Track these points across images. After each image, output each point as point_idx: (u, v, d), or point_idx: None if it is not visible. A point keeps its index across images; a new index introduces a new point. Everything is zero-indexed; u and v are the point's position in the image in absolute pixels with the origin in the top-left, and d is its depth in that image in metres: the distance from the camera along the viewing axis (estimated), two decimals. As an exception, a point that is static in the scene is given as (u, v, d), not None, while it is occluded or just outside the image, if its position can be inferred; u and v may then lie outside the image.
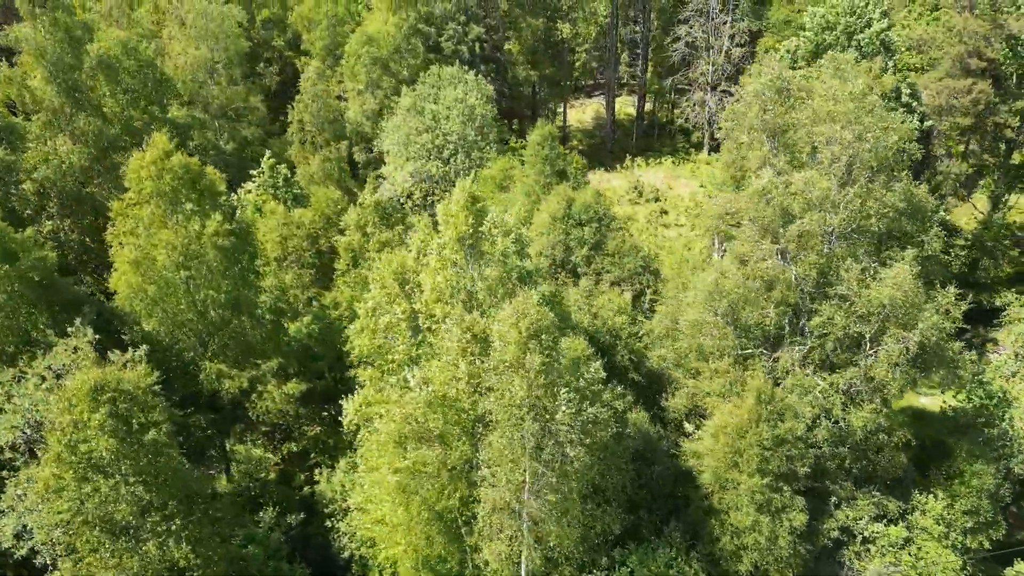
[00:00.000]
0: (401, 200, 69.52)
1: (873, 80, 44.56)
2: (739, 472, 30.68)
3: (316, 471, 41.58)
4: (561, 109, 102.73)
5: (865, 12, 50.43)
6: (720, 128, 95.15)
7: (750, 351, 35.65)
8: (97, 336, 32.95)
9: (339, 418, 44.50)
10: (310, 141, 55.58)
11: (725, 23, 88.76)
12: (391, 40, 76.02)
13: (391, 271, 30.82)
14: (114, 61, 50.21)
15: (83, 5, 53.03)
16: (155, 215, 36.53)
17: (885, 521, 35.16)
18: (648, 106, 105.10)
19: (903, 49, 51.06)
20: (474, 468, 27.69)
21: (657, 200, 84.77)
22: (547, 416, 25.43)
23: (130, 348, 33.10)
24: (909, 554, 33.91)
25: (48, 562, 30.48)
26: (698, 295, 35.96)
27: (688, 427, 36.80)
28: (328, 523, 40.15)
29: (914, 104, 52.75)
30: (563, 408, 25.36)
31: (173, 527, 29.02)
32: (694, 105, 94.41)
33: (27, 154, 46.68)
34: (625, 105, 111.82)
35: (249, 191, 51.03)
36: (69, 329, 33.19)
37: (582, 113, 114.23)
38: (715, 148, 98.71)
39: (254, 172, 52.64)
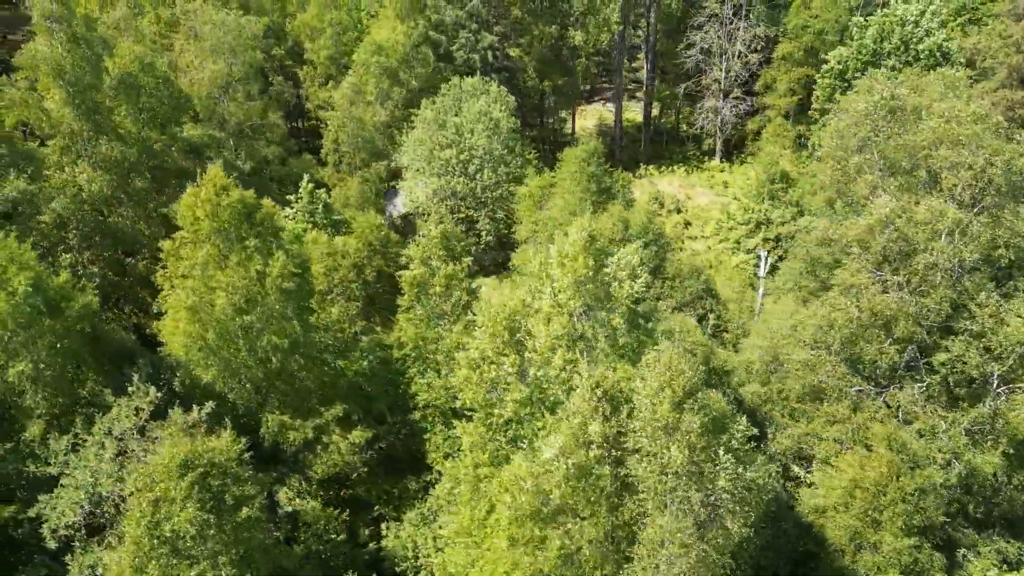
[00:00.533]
0: (422, 215, 66.39)
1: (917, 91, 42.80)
2: (880, 531, 28.36)
3: (383, 525, 38.45)
4: (569, 116, 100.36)
5: (922, 21, 48.73)
6: (733, 134, 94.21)
7: (859, 388, 33.42)
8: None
9: (398, 464, 41.68)
10: (346, 162, 52.09)
11: (739, 28, 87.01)
12: (400, 49, 72.77)
13: (502, 318, 27.90)
14: (133, 79, 46.38)
15: (88, 17, 48.86)
16: (211, 255, 33.12)
17: (1005, 567, 33.22)
18: (654, 112, 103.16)
19: (961, 61, 49.67)
20: (615, 542, 24.93)
21: (679, 211, 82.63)
22: (709, 486, 22.83)
23: (195, 406, 29.87)
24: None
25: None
26: (804, 329, 33.60)
27: (796, 470, 34.45)
28: (400, 583, 37.20)
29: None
30: (724, 474, 22.79)
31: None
32: (706, 112, 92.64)
33: (45, 183, 42.72)
34: (628, 111, 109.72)
35: (287, 218, 47.51)
36: (130, 388, 29.73)
37: (584, 119, 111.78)
38: (727, 155, 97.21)
39: (291, 197, 49.08)
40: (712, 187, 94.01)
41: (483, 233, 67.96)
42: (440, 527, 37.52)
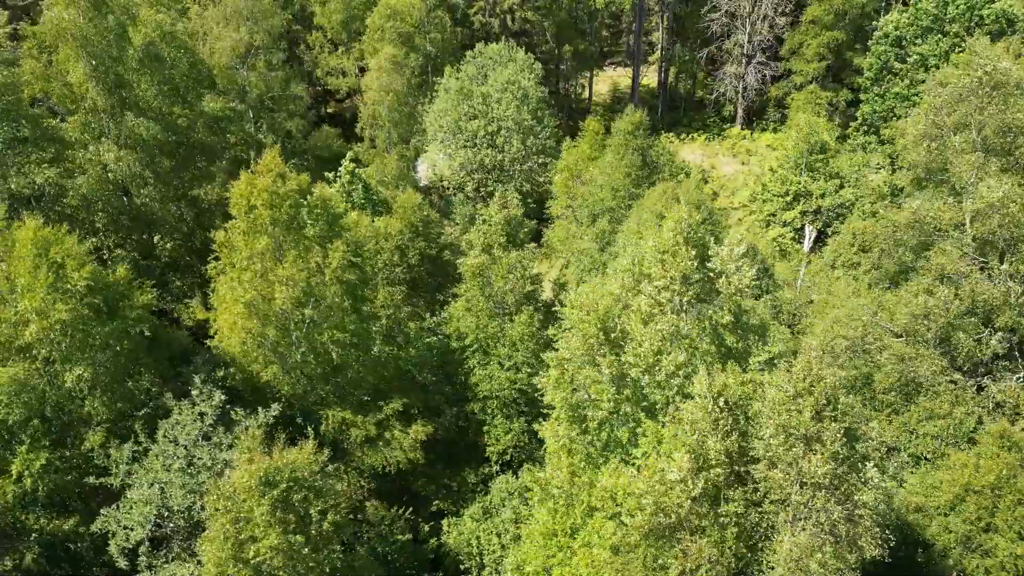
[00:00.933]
0: (447, 188, 63.89)
1: (1015, 62, 40.69)
2: (993, 535, 27.04)
3: (444, 521, 36.90)
4: (586, 82, 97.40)
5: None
6: (755, 101, 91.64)
7: (952, 379, 31.91)
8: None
9: (455, 456, 39.92)
10: (381, 138, 49.29)
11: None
12: (416, 13, 69.38)
13: (595, 318, 25.92)
14: (158, 50, 43.35)
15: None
16: (268, 247, 30.80)
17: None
18: (670, 78, 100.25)
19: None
20: (737, 559, 23.42)
21: (705, 182, 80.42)
22: (848, 501, 21.28)
23: (260, 410, 27.97)
24: None
25: None
26: (892, 316, 31.91)
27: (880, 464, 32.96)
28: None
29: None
30: (867, 488, 21.25)
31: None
32: (729, 78, 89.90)
33: (69, 163, 39.98)
34: (641, 76, 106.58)
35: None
36: (194, 392, 27.70)
37: (597, 85, 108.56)
38: (748, 123, 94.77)
39: (328, 175, 46.43)
40: (735, 155, 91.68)
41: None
42: (503, 523, 36.11)
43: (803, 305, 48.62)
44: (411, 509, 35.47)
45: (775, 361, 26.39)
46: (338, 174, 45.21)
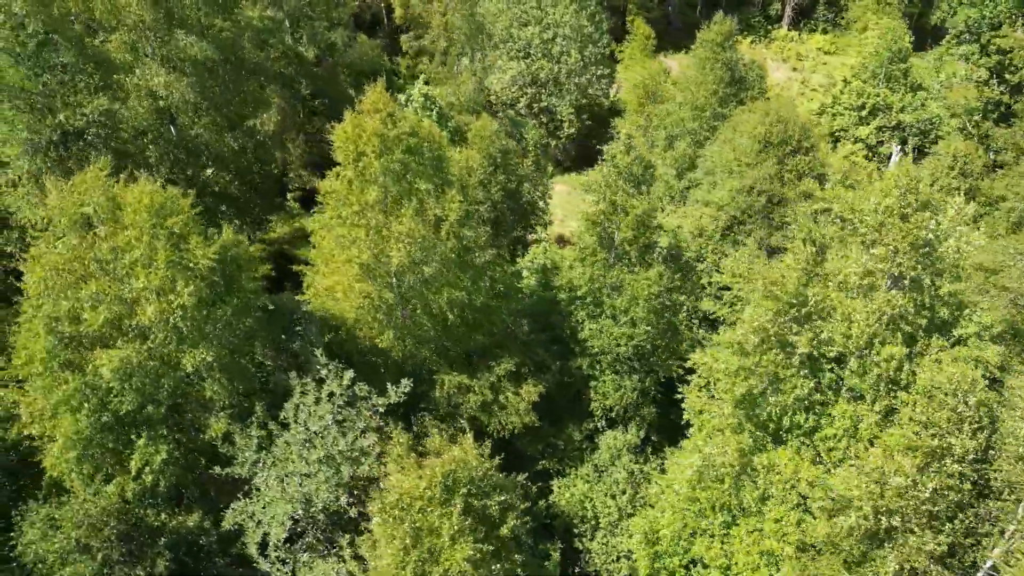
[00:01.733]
0: (499, 104, 58.81)
1: None
2: None
3: (553, 482, 34.88)
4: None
5: None
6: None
7: None
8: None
9: (558, 412, 37.51)
10: (453, 55, 43.92)
11: None
12: None
13: (788, 289, 22.70)
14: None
15: None
16: (378, 199, 26.92)
17: None
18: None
19: None
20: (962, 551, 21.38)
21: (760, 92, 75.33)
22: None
23: (390, 386, 25.07)
24: None
25: None
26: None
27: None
28: (579, 543, 34.16)
29: None
30: None
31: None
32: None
33: (119, 90, 35.09)
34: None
35: None
36: (324, 372, 24.57)
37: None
38: (795, 22, 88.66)
39: (402, 97, 41.53)
40: (785, 60, 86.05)
41: (565, 124, 60.98)
42: (617, 483, 34.15)
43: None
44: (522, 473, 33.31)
45: (982, 334, 23.59)
46: (409, 97, 40.45)
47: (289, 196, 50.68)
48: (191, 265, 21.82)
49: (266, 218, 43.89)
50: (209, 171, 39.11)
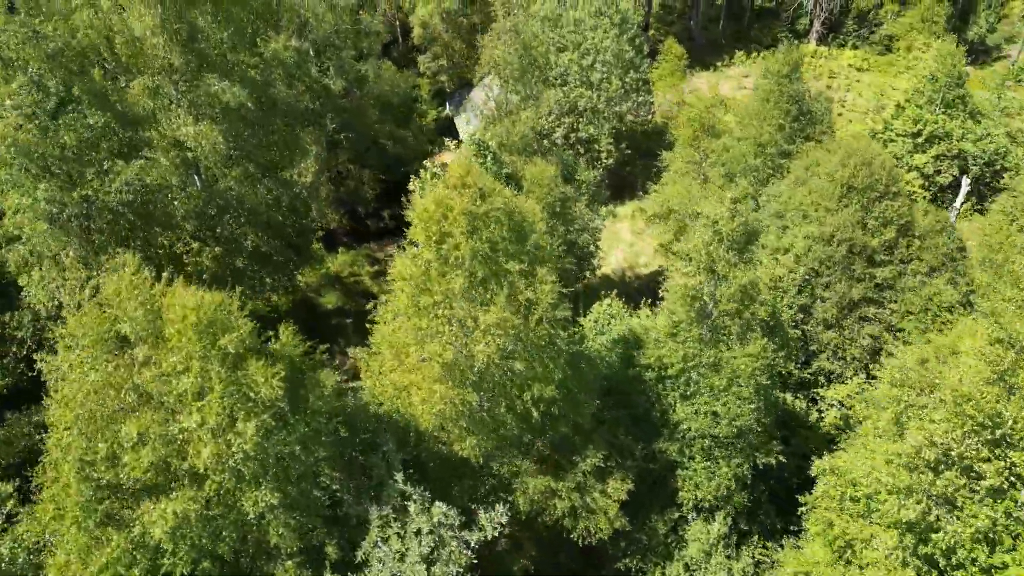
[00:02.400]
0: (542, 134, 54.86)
1: None
2: None
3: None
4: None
5: None
6: (837, 11, 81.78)
7: None
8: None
9: (639, 501, 33.58)
10: (509, 89, 39.91)
11: None
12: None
13: (983, 409, 18.87)
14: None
15: None
16: (463, 287, 22.94)
17: None
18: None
19: None
20: None
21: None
22: None
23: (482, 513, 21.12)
24: None
25: None
26: None
27: None
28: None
29: None
30: None
31: None
32: (811, -14, 79.94)
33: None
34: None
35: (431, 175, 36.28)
36: (410, 506, 20.52)
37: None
38: (823, 38, 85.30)
39: (450, 143, 37.56)
40: (816, 77, 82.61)
41: (603, 154, 57.16)
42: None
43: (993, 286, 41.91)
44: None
45: None
46: (459, 142, 36.41)
47: (313, 239, 46.65)
48: (252, 395, 17.74)
49: (298, 273, 39.83)
50: (239, 229, 34.98)
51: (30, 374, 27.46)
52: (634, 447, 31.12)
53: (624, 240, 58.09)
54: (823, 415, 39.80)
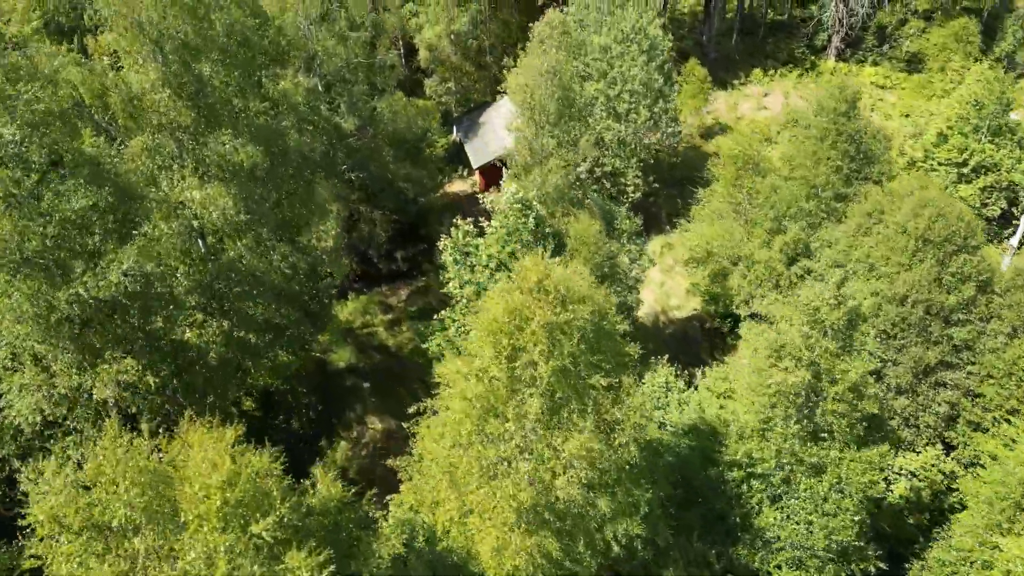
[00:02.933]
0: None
1: None
2: None
3: None
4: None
5: None
6: (853, 30, 78.62)
7: None
8: None
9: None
10: (543, 138, 35.95)
11: None
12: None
13: None
14: (243, 28, 29.44)
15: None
16: (541, 412, 18.99)
17: None
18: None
19: None
20: None
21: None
22: None
23: None
24: None
25: None
26: None
27: None
28: None
29: None
30: None
31: None
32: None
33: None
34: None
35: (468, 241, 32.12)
36: None
37: None
38: (842, 54, 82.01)
39: (485, 199, 33.56)
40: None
41: (630, 188, 53.38)
42: None
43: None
44: None
45: None
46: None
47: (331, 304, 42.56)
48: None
49: (315, 338, 35.76)
50: (250, 302, 30.81)
51: (8, 499, 23.27)
52: (708, 553, 27.35)
53: (653, 280, 54.28)
54: (891, 485, 36.31)
